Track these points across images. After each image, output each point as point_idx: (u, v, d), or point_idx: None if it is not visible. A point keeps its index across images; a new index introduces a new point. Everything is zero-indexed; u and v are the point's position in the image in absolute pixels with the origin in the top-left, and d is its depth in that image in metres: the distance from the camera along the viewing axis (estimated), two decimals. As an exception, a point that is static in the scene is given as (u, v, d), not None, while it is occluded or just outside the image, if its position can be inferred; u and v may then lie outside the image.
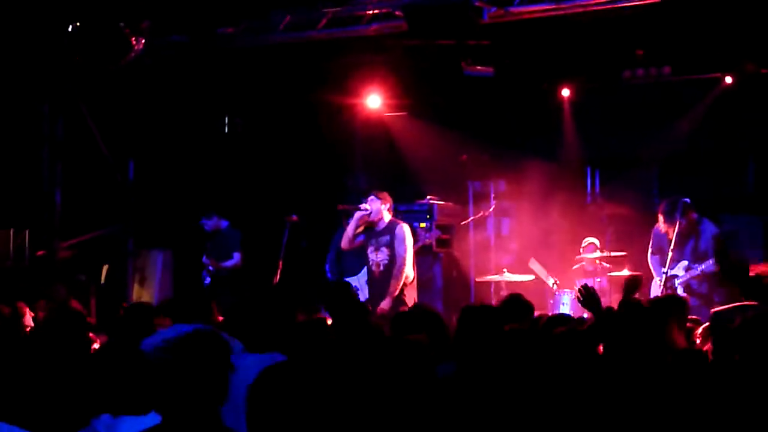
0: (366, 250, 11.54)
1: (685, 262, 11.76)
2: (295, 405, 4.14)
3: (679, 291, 11.54)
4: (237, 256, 13.64)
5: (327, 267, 12.94)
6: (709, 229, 11.85)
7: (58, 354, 6.21)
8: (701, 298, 11.59)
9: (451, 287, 14.21)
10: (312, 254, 13.43)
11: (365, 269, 11.89)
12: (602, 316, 7.01)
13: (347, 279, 12.19)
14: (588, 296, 7.23)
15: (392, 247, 11.26)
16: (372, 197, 11.45)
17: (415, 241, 12.05)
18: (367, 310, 8.37)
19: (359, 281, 12.04)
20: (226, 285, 13.50)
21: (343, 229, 12.21)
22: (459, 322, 6.31)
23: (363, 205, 11.44)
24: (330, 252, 12.95)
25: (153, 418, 4.57)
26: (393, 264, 11.19)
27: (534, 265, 13.28)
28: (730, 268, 11.18)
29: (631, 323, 6.38)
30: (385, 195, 11.49)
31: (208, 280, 13.78)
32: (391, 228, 11.34)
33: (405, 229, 11.35)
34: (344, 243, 11.71)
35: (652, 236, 12.09)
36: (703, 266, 11.62)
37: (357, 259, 12.44)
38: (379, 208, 11.35)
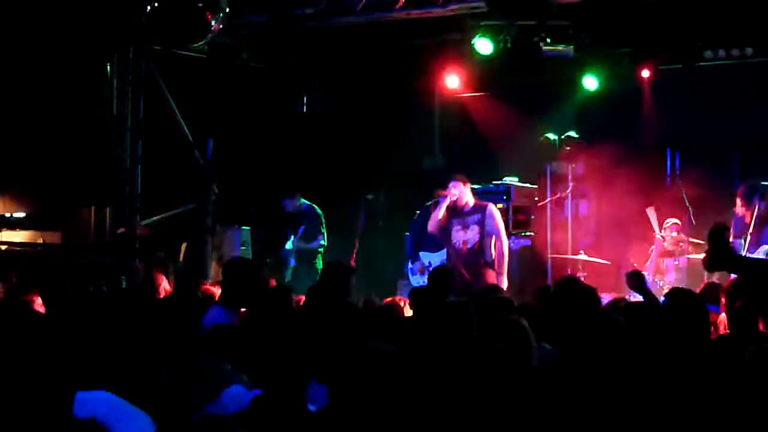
0: (450, 230, 11.63)
1: (766, 247, 11.57)
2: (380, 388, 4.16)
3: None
4: (320, 238, 13.67)
5: (408, 236, 12.96)
6: None
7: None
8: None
9: (528, 269, 14.16)
10: (388, 233, 13.46)
11: (444, 250, 12.09)
12: (651, 299, 7.11)
13: (425, 253, 12.33)
14: (636, 279, 7.33)
15: (483, 225, 11.47)
16: (454, 182, 11.59)
17: None
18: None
19: (436, 259, 12.17)
20: (310, 267, 13.56)
21: (426, 210, 12.41)
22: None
23: (448, 192, 11.57)
24: (416, 221, 12.97)
25: None
26: (484, 241, 11.52)
27: (651, 213, 13.22)
28: None
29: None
30: (465, 177, 11.62)
31: (292, 261, 13.78)
32: (480, 208, 11.66)
33: (495, 208, 11.81)
34: (432, 227, 11.80)
35: (732, 219, 11.92)
36: None
37: (436, 238, 12.52)
38: (463, 190, 11.50)
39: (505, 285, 11.16)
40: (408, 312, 8.14)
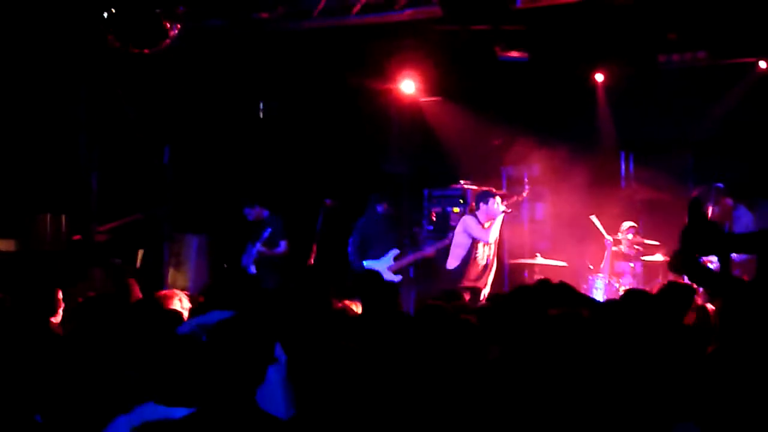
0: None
1: None
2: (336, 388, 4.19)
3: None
4: (284, 244, 13.65)
5: (349, 250, 13.00)
6: (745, 216, 11.78)
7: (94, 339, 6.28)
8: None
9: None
10: (346, 238, 13.47)
11: (390, 254, 12.27)
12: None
13: (370, 261, 12.38)
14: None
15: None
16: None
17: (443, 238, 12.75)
18: (397, 296, 8.48)
19: (382, 266, 12.25)
20: (273, 273, 13.55)
21: (372, 214, 12.55)
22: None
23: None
24: (354, 234, 13.01)
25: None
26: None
27: (594, 220, 13.42)
28: None
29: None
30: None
31: (253, 269, 13.73)
32: None
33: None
34: (490, 238, 12.25)
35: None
36: None
37: (381, 244, 12.60)
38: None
39: None
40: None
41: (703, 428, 4.71)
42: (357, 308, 8.33)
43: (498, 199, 12.25)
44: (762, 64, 13.86)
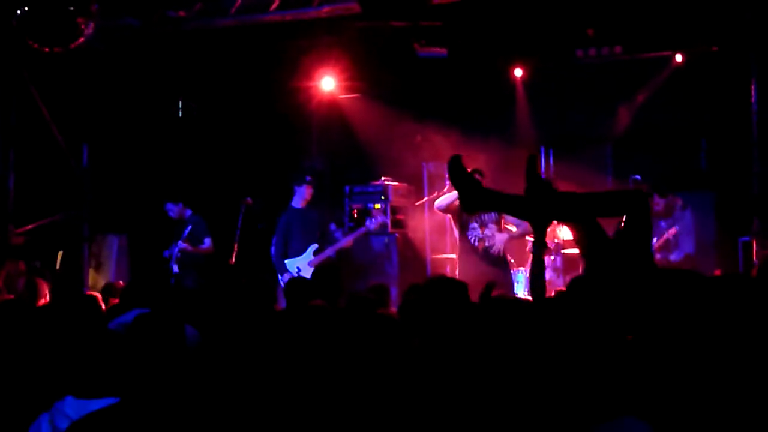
0: (466, 225, 11.55)
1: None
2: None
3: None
4: (208, 242, 13.49)
5: (272, 249, 12.91)
6: (688, 222, 12.01)
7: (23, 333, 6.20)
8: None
9: (407, 267, 14.24)
10: (268, 236, 13.41)
11: (309, 249, 12.19)
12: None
13: (291, 259, 12.33)
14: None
15: (499, 223, 11.49)
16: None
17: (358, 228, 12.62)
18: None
19: (303, 263, 12.22)
20: (195, 272, 13.42)
21: (293, 211, 12.46)
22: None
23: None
24: (276, 234, 12.91)
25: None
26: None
27: None
28: None
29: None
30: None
31: (175, 268, 13.58)
32: None
33: None
34: (442, 205, 11.66)
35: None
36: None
37: (302, 240, 12.53)
38: None
39: None
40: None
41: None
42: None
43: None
44: (678, 57, 14.04)
